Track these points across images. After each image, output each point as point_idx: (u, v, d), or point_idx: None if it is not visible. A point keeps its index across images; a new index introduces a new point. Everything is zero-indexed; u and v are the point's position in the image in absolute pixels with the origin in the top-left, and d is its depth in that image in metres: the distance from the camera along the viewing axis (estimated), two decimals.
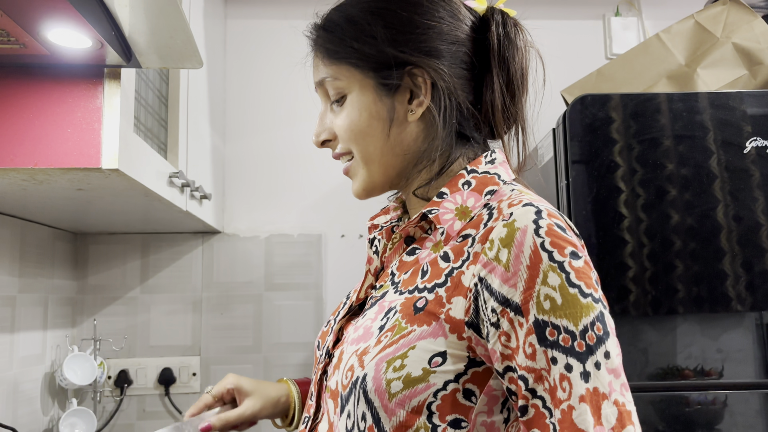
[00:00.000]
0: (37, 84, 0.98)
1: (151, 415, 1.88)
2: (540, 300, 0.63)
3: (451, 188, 0.76)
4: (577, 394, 0.61)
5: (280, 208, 2.02)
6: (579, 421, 0.60)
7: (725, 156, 1.39)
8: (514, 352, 0.64)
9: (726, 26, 1.57)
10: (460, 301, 0.67)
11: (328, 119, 0.83)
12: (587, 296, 0.64)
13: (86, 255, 1.91)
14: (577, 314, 0.63)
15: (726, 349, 1.36)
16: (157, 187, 1.22)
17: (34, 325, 1.62)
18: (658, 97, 1.41)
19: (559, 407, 0.62)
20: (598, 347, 0.63)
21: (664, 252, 1.37)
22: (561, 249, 0.65)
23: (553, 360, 0.62)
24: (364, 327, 0.73)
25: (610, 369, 0.63)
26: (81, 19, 0.79)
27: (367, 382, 0.67)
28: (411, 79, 0.77)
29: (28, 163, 0.97)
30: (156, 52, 0.95)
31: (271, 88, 2.06)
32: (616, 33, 2.10)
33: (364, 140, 0.78)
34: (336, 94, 0.80)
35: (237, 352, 1.93)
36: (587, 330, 0.63)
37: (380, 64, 0.76)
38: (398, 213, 0.89)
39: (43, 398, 1.66)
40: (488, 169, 0.77)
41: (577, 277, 0.64)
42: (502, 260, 0.65)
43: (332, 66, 0.79)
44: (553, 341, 0.62)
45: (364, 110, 0.77)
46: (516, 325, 0.64)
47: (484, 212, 0.72)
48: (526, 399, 0.63)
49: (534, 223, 0.66)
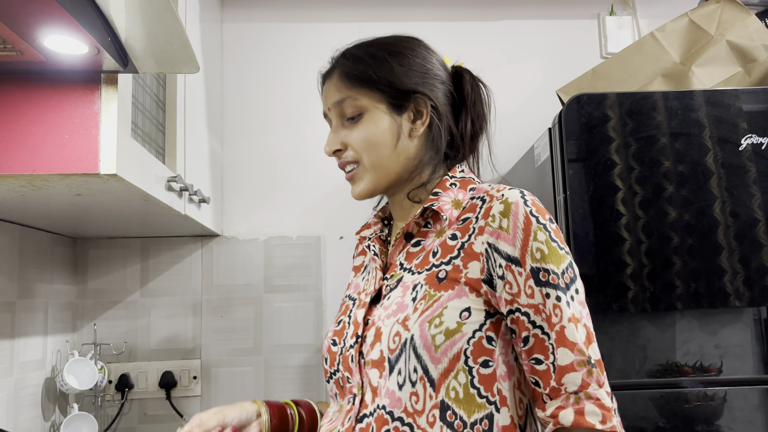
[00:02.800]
0: (34, 90, 0.98)
1: (152, 419, 1.88)
2: (533, 252, 0.86)
3: (443, 188, 0.99)
4: (566, 316, 0.85)
5: (279, 211, 2.02)
6: (569, 335, 0.85)
7: (721, 153, 1.40)
8: (516, 296, 0.86)
9: (720, 24, 1.58)
10: (475, 265, 0.89)
11: (342, 133, 1.01)
12: (562, 249, 0.88)
13: (86, 260, 1.91)
14: (558, 261, 0.87)
15: (724, 344, 1.36)
16: (155, 192, 1.22)
17: (34, 330, 1.63)
18: (654, 96, 1.42)
19: (554, 329, 0.85)
20: (572, 284, 0.87)
21: (662, 249, 1.37)
22: (543, 215, 0.89)
23: (547, 295, 0.86)
24: (396, 303, 0.92)
25: (579, 301, 0.87)
26: (77, 25, 0.80)
27: (415, 340, 0.86)
28: (415, 105, 0.99)
29: (26, 169, 0.97)
30: (152, 57, 0.95)
31: (268, 91, 2.06)
32: (611, 32, 2.11)
33: (376, 149, 0.98)
34: (353, 112, 0.99)
35: (237, 354, 1.93)
36: (564, 272, 0.87)
37: (394, 90, 0.98)
38: (379, 226, 1.10)
39: (44, 403, 1.66)
40: (463, 175, 1.01)
41: (555, 235, 0.89)
42: (504, 227, 0.88)
43: (353, 89, 0.99)
44: (545, 281, 0.86)
45: (380, 125, 0.98)
46: (516, 274, 0.86)
47: (476, 200, 0.94)
48: (528, 330, 0.86)
49: (522, 198, 0.90)
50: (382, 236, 1.08)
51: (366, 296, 1.00)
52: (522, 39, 2.14)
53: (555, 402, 0.84)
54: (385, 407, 0.87)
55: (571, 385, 0.84)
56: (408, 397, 0.86)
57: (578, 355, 0.84)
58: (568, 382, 0.84)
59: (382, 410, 0.88)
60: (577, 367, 0.84)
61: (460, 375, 0.86)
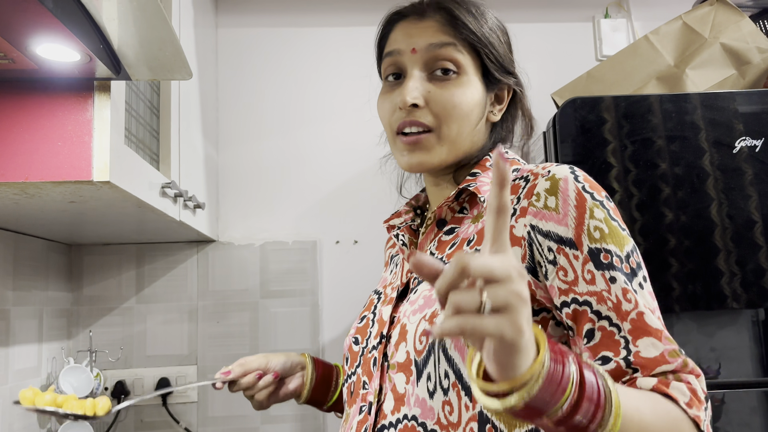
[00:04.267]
0: (26, 98, 0.98)
1: (149, 426, 1.87)
2: (590, 231, 0.73)
3: (482, 168, 0.88)
4: (642, 302, 0.71)
5: (275, 216, 2.02)
6: (652, 322, 0.70)
7: (717, 155, 1.40)
8: (573, 284, 0.73)
9: (714, 27, 1.58)
10: (516, 251, 0.76)
11: (427, 86, 0.85)
12: (624, 230, 0.75)
13: (81, 266, 1.91)
14: (621, 242, 0.73)
15: (721, 347, 1.36)
16: (149, 198, 1.22)
17: (29, 337, 1.62)
18: (650, 98, 1.42)
19: (627, 319, 0.70)
20: (639, 271, 0.74)
21: (659, 251, 1.37)
22: (599, 191, 0.77)
23: (612, 279, 0.71)
24: (424, 297, 0.80)
25: (649, 292, 0.73)
26: (69, 33, 0.79)
27: (445, 340, 0.74)
28: (499, 89, 0.91)
29: (19, 177, 0.97)
30: (145, 64, 0.95)
31: (264, 96, 2.06)
32: (606, 35, 2.11)
33: (462, 120, 0.85)
34: (450, 63, 0.85)
35: (234, 360, 1.91)
36: (630, 256, 0.73)
37: (497, 64, 0.88)
38: (410, 215, 0.98)
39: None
40: (507, 157, 0.90)
41: (614, 214, 0.76)
42: (551, 206, 0.75)
43: (460, 39, 0.86)
44: (608, 263, 0.72)
45: (475, 94, 0.86)
46: (572, 258, 0.73)
47: (520, 181, 0.81)
48: (592, 322, 0.71)
49: (572, 173, 0.77)
50: (413, 226, 0.97)
51: (392, 291, 0.89)
52: (516, 42, 2.13)
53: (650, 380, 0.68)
54: (416, 418, 0.76)
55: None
56: (441, 407, 0.75)
57: (668, 344, 0.69)
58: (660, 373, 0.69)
59: (413, 421, 0.77)
60: (669, 358, 0.69)
61: None
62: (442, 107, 0.84)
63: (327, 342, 1.97)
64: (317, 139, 2.05)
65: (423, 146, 0.85)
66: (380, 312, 0.88)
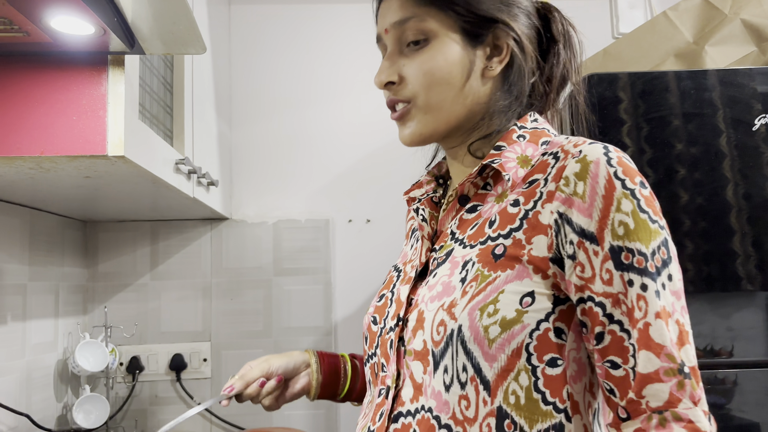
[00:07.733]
0: (41, 72, 0.98)
1: (163, 401, 1.89)
2: (614, 227, 0.68)
3: (508, 141, 0.80)
4: (653, 311, 0.67)
5: (288, 194, 2.02)
6: (656, 336, 0.66)
7: (735, 134, 1.38)
8: (589, 281, 0.69)
9: (734, 2, 1.55)
10: (541, 240, 0.72)
11: (399, 62, 0.83)
12: (654, 222, 0.69)
13: (96, 243, 1.92)
14: (648, 237, 0.68)
15: (736, 327, 1.35)
16: (163, 174, 1.22)
17: (45, 312, 1.64)
18: (666, 76, 1.40)
19: (636, 326, 0.67)
20: (663, 269, 0.69)
21: (674, 231, 1.35)
22: (632, 177, 0.70)
23: (629, 282, 0.68)
24: (442, 283, 0.76)
25: (672, 291, 0.69)
26: (83, 6, 0.79)
27: (463, 332, 0.71)
28: (494, 37, 0.82)
29: (34, 151, 0.97)
30: (159, 38, 0.95)
31: (276, 72, 2.05)
32: (623, 12, 2.08)
33: (439, 86, 0.80)
34: (417, 35, 0.81)
35: (247, 337, 1.94)
36: (655, 253, 0.68)
37: (472, 15, 0.80)
38: (432, 186, 0.92)
39: (56, 385, 1.68)
40: (536, 125, 0.82)
41: (646, 204, 0.70)
42: (579, 193, 0.70)
43: (422, 7, 0.81)
44: (629, 264, 0.68)
45: (448, 56, 0.80)
46: (591, 254, 0.69)
47: (548, 158, 0.76)
48: (603, 325, 0.69)
49: (605, 155, 0.71)
50: (435, 198, 0.91)
51: (412, 269, 0.85)
52: None
53: (633, 423, 0.67)
54: (432, 410, 0.73)
55: (654, 399, 0.66)
56: (457, 401, 0.72)
57: (666, 362, 0.66)
58: (650, 394, 0.66)
59: (429, 413, 0.74)
60: (663, 376, 0.66)
61: (522, 376, 0.70)
62: (415, 77, 0.81)
63: (339, 320, 1.97)
64: (330, 116, 2.04)
65: (409, 119, 0.83)
66: (398, 291, 0.85)
